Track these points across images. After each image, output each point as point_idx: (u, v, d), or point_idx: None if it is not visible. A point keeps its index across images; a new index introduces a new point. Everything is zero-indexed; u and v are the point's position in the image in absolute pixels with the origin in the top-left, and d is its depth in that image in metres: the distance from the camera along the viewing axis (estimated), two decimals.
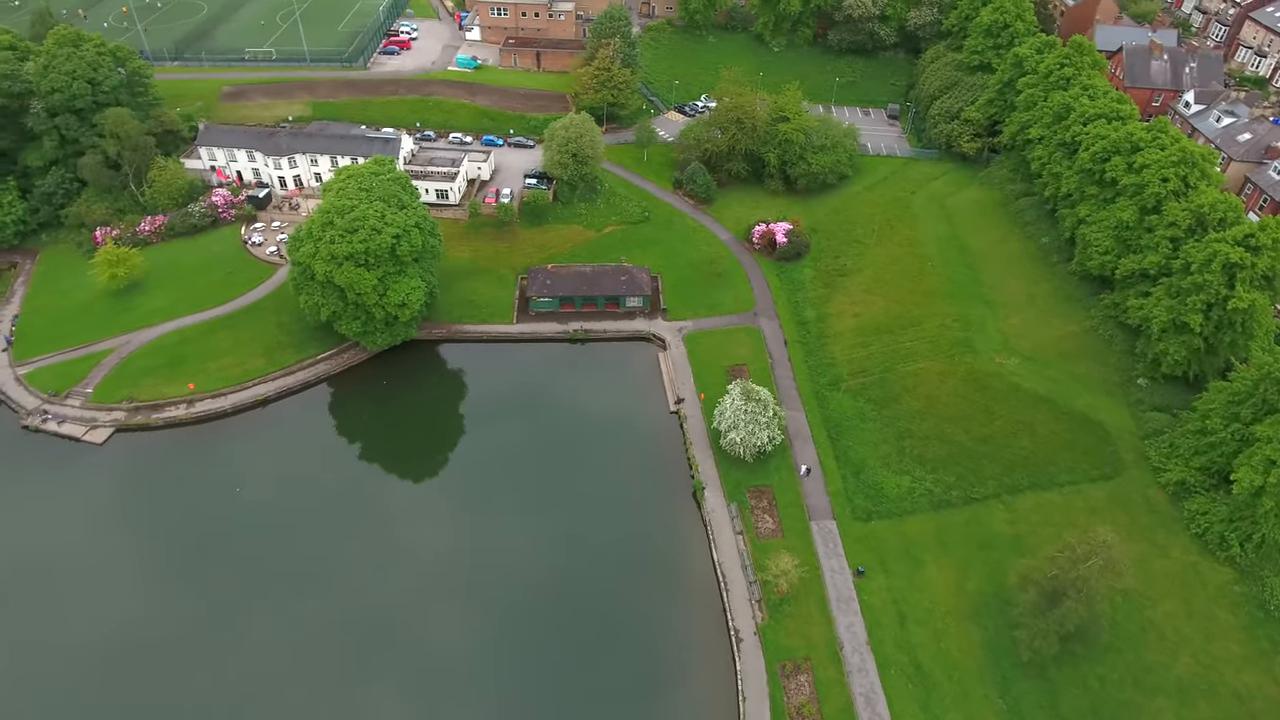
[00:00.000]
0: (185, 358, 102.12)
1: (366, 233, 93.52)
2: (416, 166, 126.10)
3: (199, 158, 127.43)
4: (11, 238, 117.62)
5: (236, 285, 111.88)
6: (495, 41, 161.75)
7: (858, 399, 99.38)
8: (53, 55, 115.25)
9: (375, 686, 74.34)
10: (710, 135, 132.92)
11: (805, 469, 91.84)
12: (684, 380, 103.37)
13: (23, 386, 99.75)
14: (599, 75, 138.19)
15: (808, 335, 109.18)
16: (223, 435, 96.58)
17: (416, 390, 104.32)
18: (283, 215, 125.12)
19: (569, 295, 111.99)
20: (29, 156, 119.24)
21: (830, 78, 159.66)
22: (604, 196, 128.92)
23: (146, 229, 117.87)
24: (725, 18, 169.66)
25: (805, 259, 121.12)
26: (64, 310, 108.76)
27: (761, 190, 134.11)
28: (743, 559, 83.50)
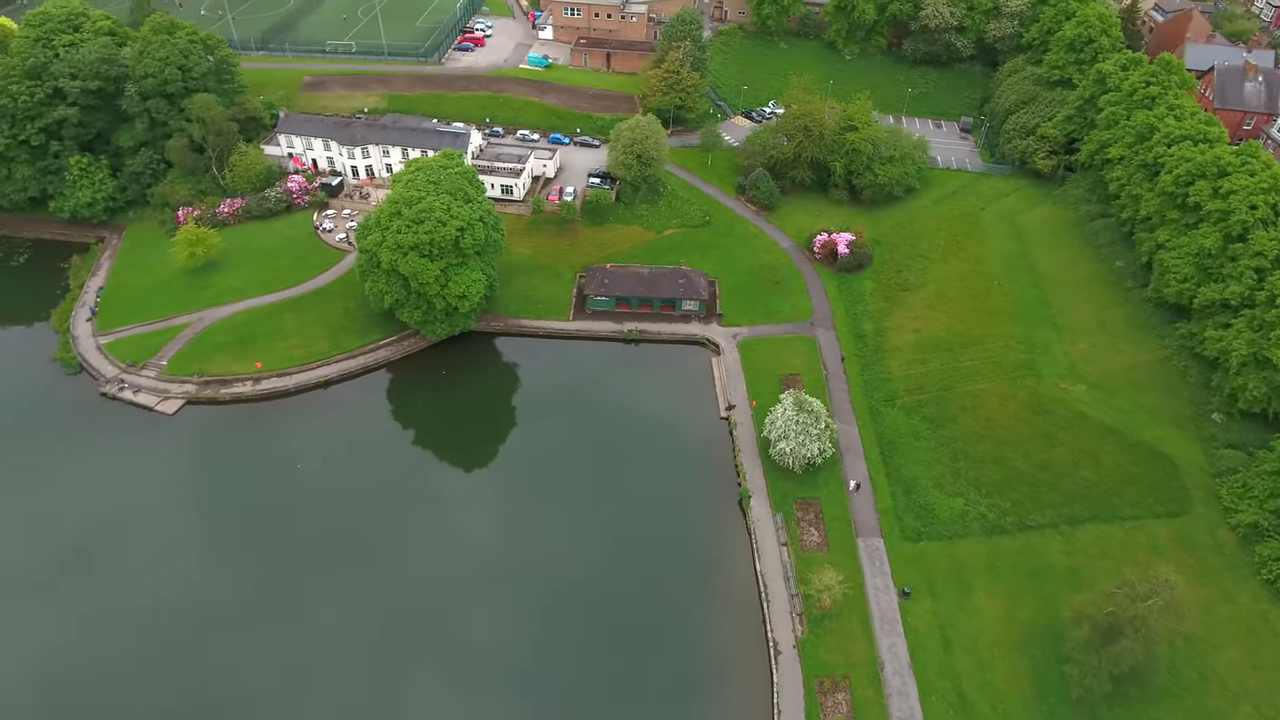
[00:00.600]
0: (254, 336, 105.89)
1: (432, 224, 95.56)
2: (484, 161, 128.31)
3: (278, 144, 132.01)
4: (101, 213, 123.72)
5: (306, 269, 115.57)
6: (567, 41, 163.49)
7: (913, 416, 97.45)
8: (148, 41, 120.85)
9: (412, 665, 75.88)
10: (776, 142, 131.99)
11: (855, 484, 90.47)
12: (736, 387, 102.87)
13: (103, 355, 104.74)
14: (668, 78, 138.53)
15: (865, 348, 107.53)
16: (285, 413, 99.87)
17: (472, 381, 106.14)
18: (353, 204, 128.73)
19: (626, 296, 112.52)
20: (121, 137, 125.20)
21: (902, 88, 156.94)
22: (666, 199, 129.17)
23: (225, 211, 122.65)
24: (798, 24, 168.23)
25: (867, 271, 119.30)
26: (145, 285, 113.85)
27: (825, 199, 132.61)
28: (786, 571, 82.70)
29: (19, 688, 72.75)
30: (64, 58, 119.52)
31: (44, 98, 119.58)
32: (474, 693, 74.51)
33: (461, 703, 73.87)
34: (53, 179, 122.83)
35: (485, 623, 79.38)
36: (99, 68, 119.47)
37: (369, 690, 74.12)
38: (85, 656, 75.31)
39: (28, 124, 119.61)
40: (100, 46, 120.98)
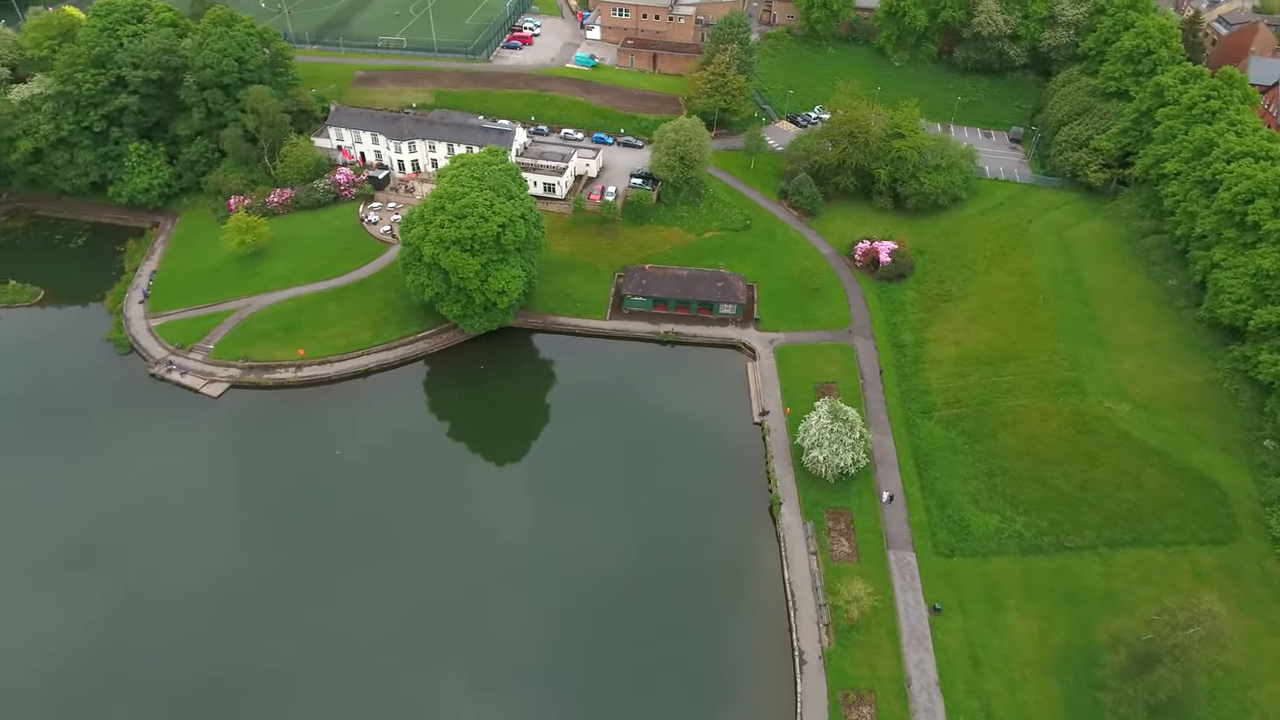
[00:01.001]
0: (298, 324, 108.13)
1: (474, 220, 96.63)
2: (527, 159, 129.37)
3: (328, 137, 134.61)
4: (157, 199, 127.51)
5: (350, 260, 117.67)
6: (614, 41, 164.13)
7: (950, 430, 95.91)
8: (207, 33, 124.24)
9: (434, 654, 76.77)
10: (821, 147, 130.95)
11: (888, 496, 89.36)
12: (771, 392, 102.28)
13: (154, 337, 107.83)
14: (713, 80, 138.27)
15: (904, 359, 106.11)
16: (325, 400, 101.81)
17: (507, 376, 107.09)
18: (398, 197, 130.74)
19: (663, 297, 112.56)
20: (179, 126, 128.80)
21: (952, 96, 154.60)
22: (707, 201, 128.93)
23: (275, 200, 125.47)
24: (847, 29, 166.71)
25: (908, 280, 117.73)
26: (196, 270, 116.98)
27: (869, 207, 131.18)
28: (814, 580, 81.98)
29: (61, 654, 75.17)
30: (127, 48, 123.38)
31: (107, 86, 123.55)
32: (494, 687, 75.13)
33: (482, 696, 74.52)
34: (112, 165, 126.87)
35: (509, 617, 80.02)
36: (160, 58, 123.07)
37: (390, 677, 75.21)
38: (123, 628, 77.57)
39: (91, 111, 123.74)
40: (162, 37, 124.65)
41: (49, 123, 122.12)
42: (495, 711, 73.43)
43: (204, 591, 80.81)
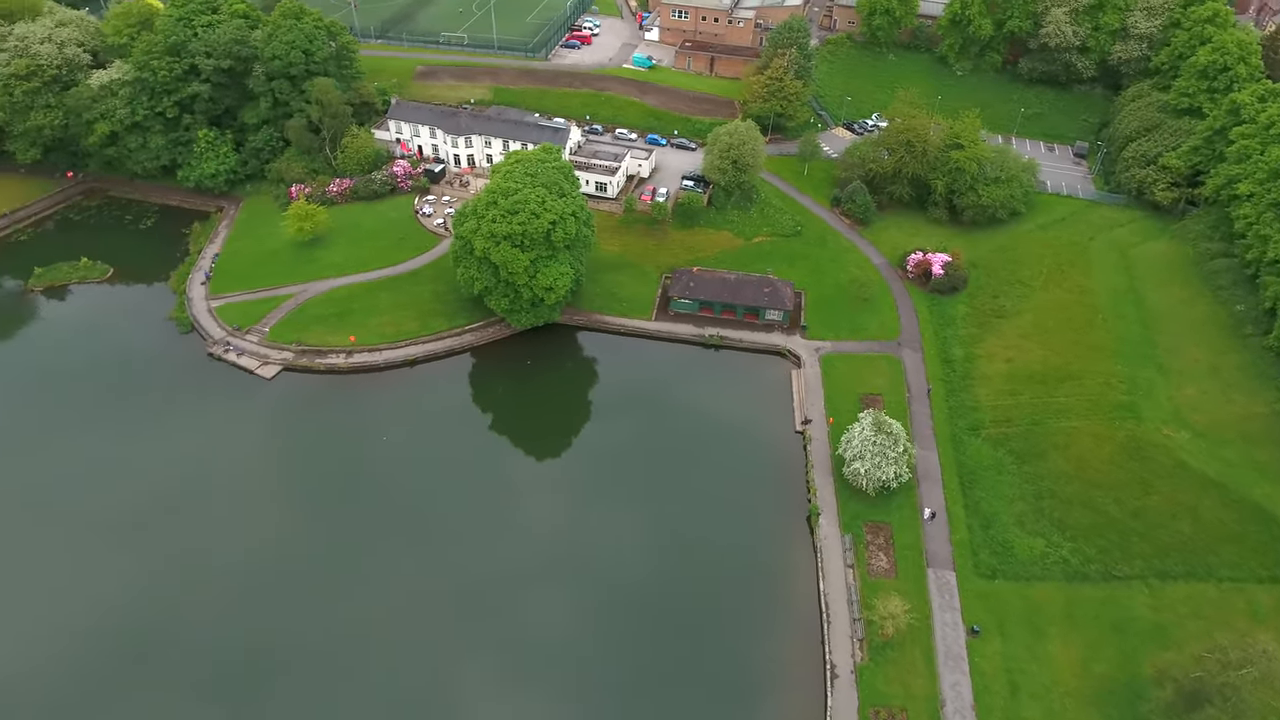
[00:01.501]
0: (351, 311, 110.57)
1: (526, 216, 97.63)
2: (581, 158, 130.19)
3: (388, 130, 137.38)
4: (223, 185, 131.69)
5: (404, 251, 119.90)
6: (672, 43, 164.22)
7: (998, 449, 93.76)
8: (277, 25, 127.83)
9: (462, 641, 77.80)
10: (877, 155, 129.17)
11: (930, 513, 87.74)
12: (814, 401, 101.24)
13: (213, 318, 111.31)
14: (770, 84, 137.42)
15: (952, 374, 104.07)
16: (373, 387, 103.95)
17: (551, 372, 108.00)
18: (453, 191, 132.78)
19: (710, 300, 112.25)
20: (246, 114, 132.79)
21: (1015, 107, 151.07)
22: (758, 206, 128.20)
23: (334, 190, 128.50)
24: (909, 37, 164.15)
25: (961, 294, 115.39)
26: (256, 254, 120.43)
27: (923, 218, 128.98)
28: (850, 593, 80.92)
29: (110, 616, 78.12)
30: (201, 37, 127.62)
31: (181, 74, 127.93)
32: (520, 679, 75.76)
33: (507, 687, 75.19)
34: (182, 150, 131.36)
35: (539, 611, 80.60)
36: (232, 48, 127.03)
37: (419, 660, 76.34)
38: (170, 594, 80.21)
39: (165, 97, 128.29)
40: (234, 28, 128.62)
41: (125, 107, 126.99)
42: (519, 704, 74.07)
43: (247, 565, 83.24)
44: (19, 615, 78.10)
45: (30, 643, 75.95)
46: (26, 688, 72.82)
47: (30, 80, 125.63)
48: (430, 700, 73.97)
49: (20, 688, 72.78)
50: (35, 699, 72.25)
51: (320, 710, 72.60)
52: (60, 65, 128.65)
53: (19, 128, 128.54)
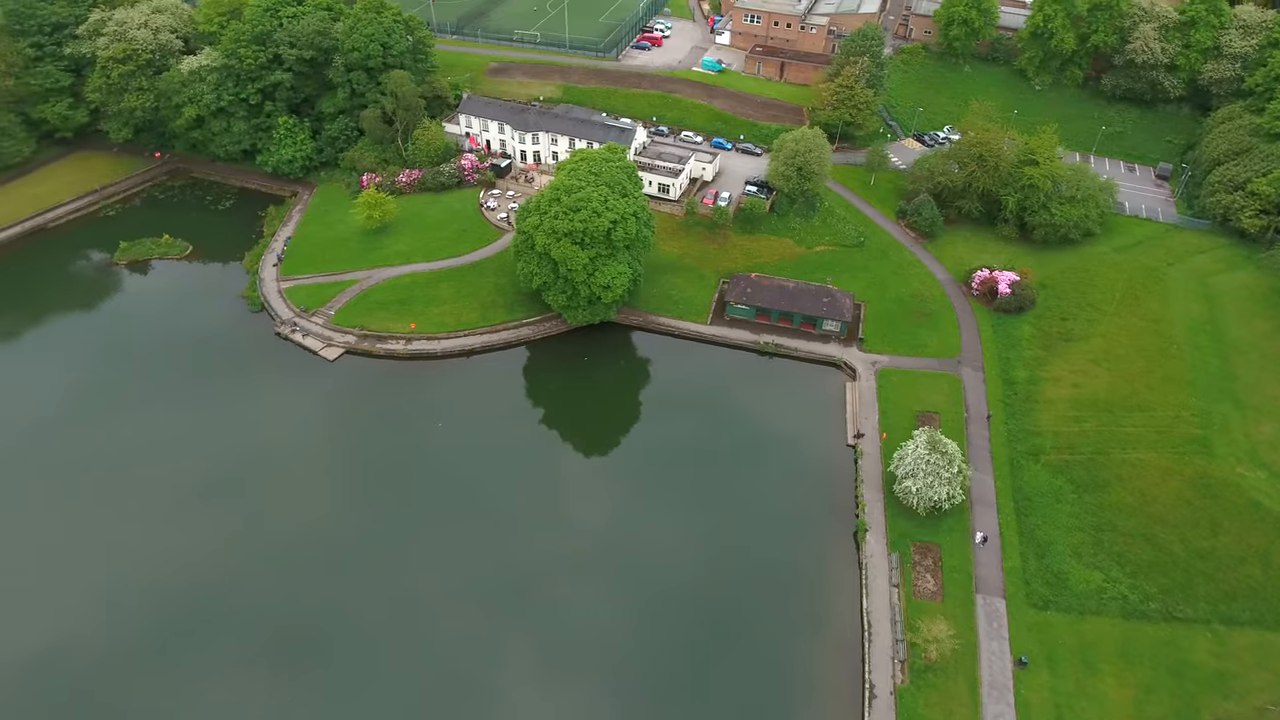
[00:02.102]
0: (412, 300, 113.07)
1: (588, 214, 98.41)
2: (645, 159, 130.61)
3: (458, 123, 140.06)
4: (298, 171, 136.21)
5: (467, 243, 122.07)
6: (743, 47, 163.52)
7: (1058, 476, 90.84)
8: (358, 19, 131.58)
9: (498, 626, 78.71)
10: (946, 168, 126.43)
11: (982, 537, 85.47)
12: (868, 416, 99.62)
13: (282, 299, 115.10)
14: (840, 92, 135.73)
15: (1014, 396, 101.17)
16: (429, 374, 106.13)
17: (603, 370, 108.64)
18: (518, 186, 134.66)
19: (766, 307, 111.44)
20: (324, 104, 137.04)
21: (1095, 125, 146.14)
22: (821, 215, 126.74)
23: (403, 180, 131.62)
24: (987, 49, 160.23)
25: (1027, 315, 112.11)
26: (326, 240, 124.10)
27: (992, 234, 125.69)
28: (894, 613, 79.36)
29: (170, 581, 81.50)
30: (286, 28, 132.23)
31: (265, 62, 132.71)
32: (551, 672, 76.32)
33: (539, 677, 75.85)
34: (262, 135, 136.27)
35: (576, 606, 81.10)
36: (314, 39, 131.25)
37: (456, 640, 77.57)
38: (222, 563, 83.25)
39: (249, 84, 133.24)
40: (317, 20, 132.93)
41: (211, 93, 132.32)
42: (550, 695, 74.63)
43: (300, 537, 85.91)
44: (82, 572, 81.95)
45: (89, 599, 79.57)
46: (86, 643, 76.38)
47: (126, 64, 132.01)
48: (466, 680, 75.01)
49: (79, 643, 76.38)
50: (94, 652, 75.74)
51: (359, 683, 74.40)
52: (154, 50, 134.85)
53: (113, 108, 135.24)
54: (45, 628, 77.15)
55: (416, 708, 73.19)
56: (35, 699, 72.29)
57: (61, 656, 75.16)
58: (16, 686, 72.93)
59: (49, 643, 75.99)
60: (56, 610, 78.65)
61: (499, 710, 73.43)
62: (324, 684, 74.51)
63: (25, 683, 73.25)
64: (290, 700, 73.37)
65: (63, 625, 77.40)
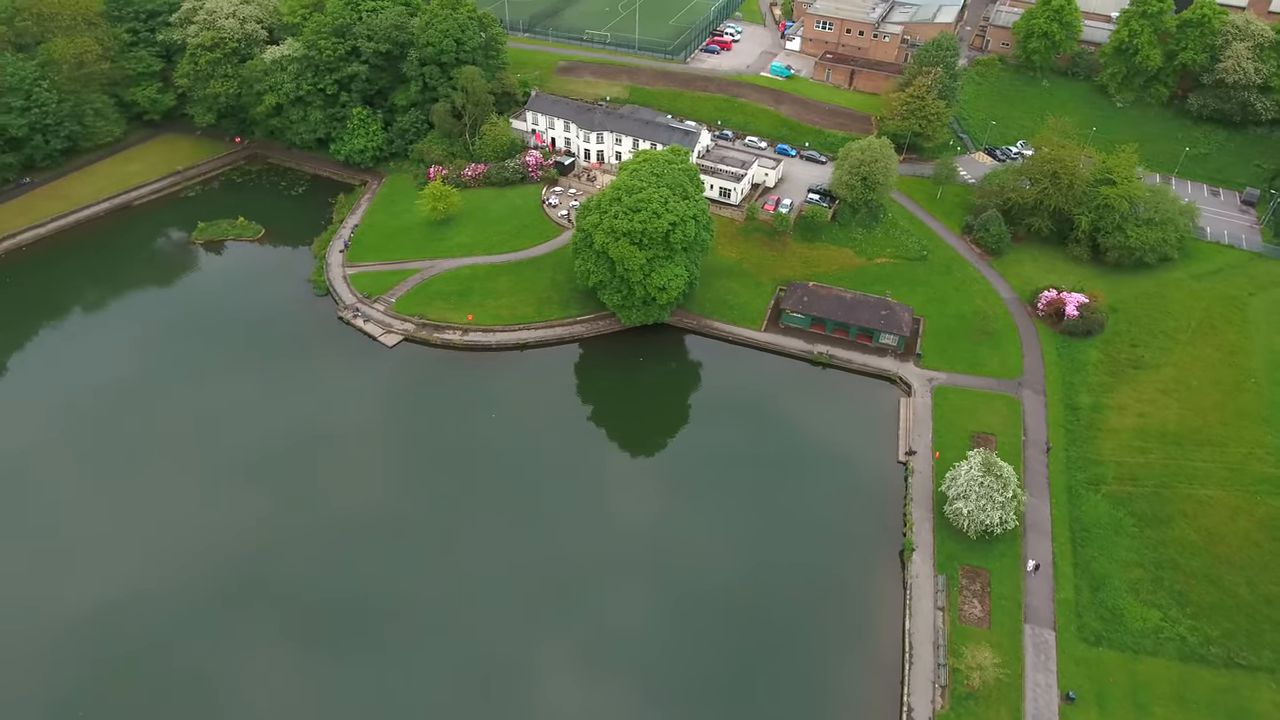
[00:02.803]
0: (471, 291, 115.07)
1: (647, 215, 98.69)
2: (708, 162, 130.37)
3: (524, 120, 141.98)
4: (369, 160, 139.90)
5: (527, 238, 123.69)
6: (813, 54, 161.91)
7: (1118, 508, 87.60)
8: (434, 14, 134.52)
9: (536, 618, 79.48)
10: (1017, 184, 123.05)
11: (1034, 565, 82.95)
12: (921, 433, 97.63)
13: (346, 285, 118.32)
14: (910, 103, 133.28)
15: (1076, 422, 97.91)
16: (484, 365, 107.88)
17: (654, 371, 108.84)
18: (580, 184, 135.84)
19: (823, 317, 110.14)
20: (397, 96, 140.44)
21: (1178, 146, 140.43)
22: (884, 226, 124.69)
23: (468, 174, 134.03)
24: (1067, 63, 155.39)
25: (1095, 339, 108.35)
26: (391, 229, 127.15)
27: (1061, 254, 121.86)
28: (937, 637, 77.59)
29: (216, 550, 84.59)
30: (365, 21, 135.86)
31: (344, 54, 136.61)
32: (585, 668, 76.74)
33: (572, 672, 76.34)
34: (337, 125, 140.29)
35: (613, 604, 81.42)
36: (391, 33, 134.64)
37: (492, 626, 78.56)
38: (272, 536, 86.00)
39: (327, 75, 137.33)
40: (395, 15, 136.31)
41: (291, 82, 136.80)
42: (580, 689, 75.00)
43: (349, 516, 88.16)
44: (144, 532, 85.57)
45: (142, 562, 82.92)
46: (138, 603, 79.78)
47: (213, 51, 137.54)
48: (498, 665, 75.91)
49: (133, 602, 79.81)
50: (147, 612, 79.08)
51: (397, 660, 75.99)
52: (240, 39, 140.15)
53: (199, 94, 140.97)
54: (108, 582, 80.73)
55: (449, 686, 74.43)
56: (101, 650, 75.70)
57: (122, 611, 78.54)
58: (82, 637, 76.47)
59: (113, 597, 79.48)
60: (117, 567, 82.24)
61: (528, 698, 74.15)
62: (362, 658, 76.24)
63: (90, 634, 76.74)
64: (328, 671, 75.30)
65: (121, 582, 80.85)
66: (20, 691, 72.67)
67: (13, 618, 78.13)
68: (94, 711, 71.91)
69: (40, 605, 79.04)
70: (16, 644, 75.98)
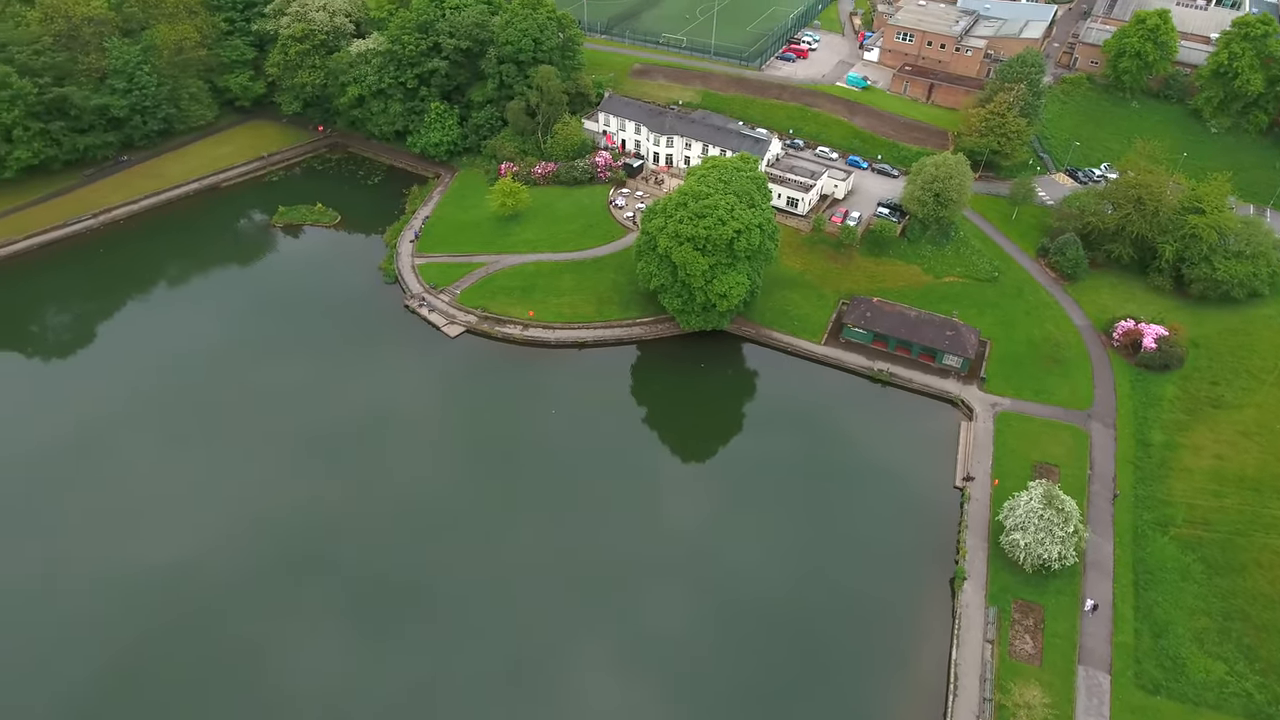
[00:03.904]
0: (534, 288, 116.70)
1: (712, 221, 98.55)
2: (777, 171, 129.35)
3: (596, 121, 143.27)
4: (444, 154, 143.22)
5: (592, 238, 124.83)
6: (891, 65, 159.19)
7: (1187, 553, 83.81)
8: (515, 14, 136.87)
9: (577, 612, 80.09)
10: (1099, 208, 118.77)
11: (1092, 605, 79.97)
12: (980, 459, 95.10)
13: (414, 275, 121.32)
14: (990, 119, 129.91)
15: (1147, 460, 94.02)
16: (542, 361, 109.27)
17: (711, 377, 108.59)
18: (647, 187, 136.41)
19: (885, 334, 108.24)
20: (474, 93, 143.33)
21: (1277, 176, 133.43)
22: (955, 244, 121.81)
23: (538, 172, 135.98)
24: (1159, 84, 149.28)
25: (1172, 374, 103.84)
26: (460, 222, 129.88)
27: (1141, 283, 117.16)
28: (985, 670, 75.48)
29: (279, 521, 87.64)
30: (448, 19, 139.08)
31: (425, 49, 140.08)
32: (620, 663, 76.92)
33: (607, 665, 76.64)
34: (414, 118, 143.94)
35: (655, 605, 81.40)
36: (472, 30, 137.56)
37: (532, 617, 79.35)
38: (328, 510, 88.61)
39: (409, 69, 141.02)
40: (477, 13, 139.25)
41: (374, 75, 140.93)
42: (616, 688, 75.19)
43: (401, 497, 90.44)
44: (208, 499, 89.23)
45: (197, 534, 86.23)
46: (197, 572, 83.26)
47: (303, 43, 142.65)
48: (533, 654, 76.76)
49: (192, 572, 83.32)
50: (206, 580, 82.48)
51: (433, 639, 77.43)
52: (329, 32, 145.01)
53: (287, 83, 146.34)
54: (170, 543, 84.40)
55: (483, 668, 75.50)
56: (164, 607, 79.27)
57: (188, 572, 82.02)
58: (148, 595, 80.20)
59: (180, 557, 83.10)
60: (178, 529, 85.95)
61: (558, 688, 74.70)
62: (403, 633, 78.02)
63: (155, 593, 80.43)
64: (369, 643, 77.21)
65: (181, 544, 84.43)
66: (86, 646, 76.49)
67: (87, 566, 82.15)
68: (152, 665, 75.23)
69: (113, 558, 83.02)
70: (85, 595, 79.97)
